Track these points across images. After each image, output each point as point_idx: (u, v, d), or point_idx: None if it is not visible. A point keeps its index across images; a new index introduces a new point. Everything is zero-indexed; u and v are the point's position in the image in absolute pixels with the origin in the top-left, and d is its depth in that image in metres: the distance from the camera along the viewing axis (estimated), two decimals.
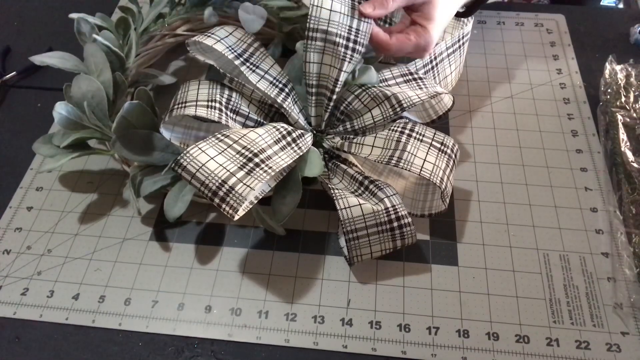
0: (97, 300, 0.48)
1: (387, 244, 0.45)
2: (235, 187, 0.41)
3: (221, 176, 0.41)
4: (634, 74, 0.60)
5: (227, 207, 0.41)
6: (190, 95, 0.47)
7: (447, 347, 0.44)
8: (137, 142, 0.48)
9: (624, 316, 0.45)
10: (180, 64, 0.67)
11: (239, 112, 0.49)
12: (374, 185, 0.46)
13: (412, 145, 0.46)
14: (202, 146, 0.43)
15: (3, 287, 0.49)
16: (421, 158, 0.45)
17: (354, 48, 0.45)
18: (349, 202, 0.44)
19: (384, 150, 0.47)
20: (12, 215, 0.54)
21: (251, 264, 0.49)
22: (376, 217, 0.44)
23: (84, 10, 0.56)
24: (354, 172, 0.47)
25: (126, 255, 0.50)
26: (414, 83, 0.51)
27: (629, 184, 0.52)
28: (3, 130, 0.62)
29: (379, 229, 0.44)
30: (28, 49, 0.70)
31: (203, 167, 0.41)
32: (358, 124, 0.49)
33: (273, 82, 0.48)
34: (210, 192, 0.41)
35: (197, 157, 0.42)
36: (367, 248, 0.45)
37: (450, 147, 0.48)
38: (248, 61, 0.48)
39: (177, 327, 0.46)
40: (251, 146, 0.44)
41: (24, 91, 0.66)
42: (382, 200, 0.44)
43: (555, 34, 0.68)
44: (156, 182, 0.49)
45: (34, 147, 0.52)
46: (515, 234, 0.50)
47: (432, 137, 0.47)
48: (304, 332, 0.45)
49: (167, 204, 0.48)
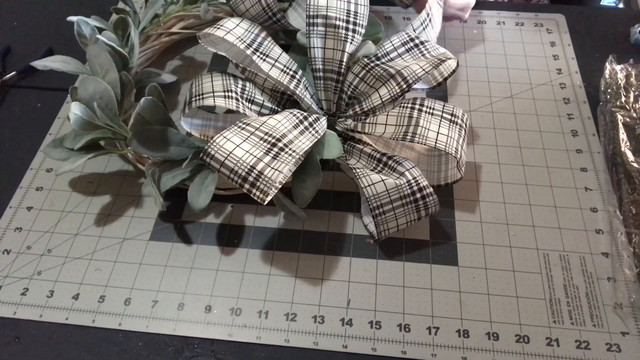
0: (97, 300, 0.48)
1: (412, 215, 0.46)
2: (264, 171, 0.42)
3: (249, 162, 0.42)
4: (634, 74, 0.60)
5: (258, 191, 0.41)
6: (206, 87, 0.48)
7: (447, 347, 0.44)
8: (154, 138, 0.49)
9: (624, 316, 0.45)
10: (177, 63, 0.67)
11: (253, 101, 0.50)
12: (392, 161, 0.46)
13: (424, 119, 0.47)
14: (226, 135, 0.43)
15: (3, 287, 0.49)
16: (434, 131, 0.46)
17: (354, 29, 0.47)
18: (372, 179, 0.45)
19: (397, 127, 0.48)
20: (12, 215, 0.54)
21: (251, 264, 0.49)
22: (399, 191, 0.45)
23: (83, 10, 0.57)
24: (370, 151, 0.48)
25: (126, 255, 0.50)
26: (416, 50, 0.51)
27: (629, 184, 0.52)
28: (3, 130, 0.62)
29: (403, 202, 0.45)
30: (28, 49, 0.70)
31: (231, 155, 0.42)
32: (367, 105, 0.49)
33: (284, 70, 0.49)
34: (240, 178, 0.42)
35: (223, 146, 0.42)
36: (393, 222, 0.46)
37: (460, 116, 0.49)
38: (258, 50, 0.49)
39: (177, 327, 0.46)
40: (273, 132, 0.45)
41: (24, 91, 0.66)
42: (402, 174, 0.45)
43: (555, 34, 0.68)
44: (175, 177, 0.49)
45: (44, 152, 0.52)
46: (515, 234, 0.50)
47: (442, 109, 0.48)
48: (304, 332, 0.45)
49: (192, 196, 0.48)
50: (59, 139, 0.52)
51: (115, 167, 0.57)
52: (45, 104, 0.64)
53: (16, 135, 0.61)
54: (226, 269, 0.49)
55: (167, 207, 0.53)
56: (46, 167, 0.57)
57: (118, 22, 0.57)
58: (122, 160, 0.57)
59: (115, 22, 0.57)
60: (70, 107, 0.47)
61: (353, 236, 0.51)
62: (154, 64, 0.66)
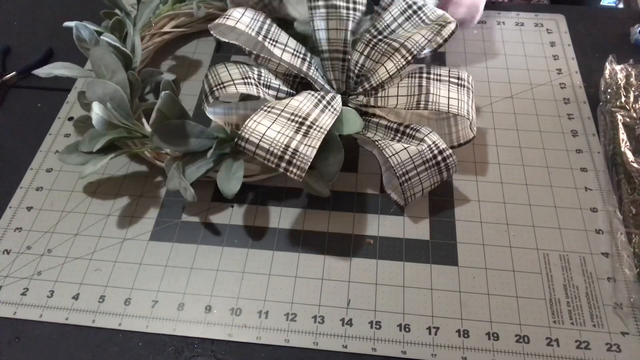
0: (97, 300, 0.48)
1: (435, 177, 0.49)
2: (298, 149, 0.44)
3: (283, 141, 0.44)
4: (634, 74, 0.60)
5: (295, 168, 0.44)
6: (224, 77, 0.48)
7: (447, 347, 0.44)
8: (174, 132, 0.49)
9: (624, 316, 0.45)
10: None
11: (270, 86, 0.50)
12: (410, 129, 0.49)
13: (433, 86, 0.49)
14: (256, 118, 0.45)
15: (3, 287, 0.49)
16: (445, 96, 0.49)
17: (354, 8, 0.50)
18: (395, 148, 0.47)
19: (409, 97, 0.50)
20: (12, 215, 0.54)
21: (251, 264, 0.49)
22: (422, 156, 0.47)
23: (83, 12, 0.56)
24: (386, 123, 0.50)
25: (126, 255, 0.50)
26: (416, 17, 0.53)
27: (629, 184, 0.52)
28: (3, 130, 0.62)
29: (427, 166, 0.48)
30: (28, 49, 0.70)
31: (264, 136, 0.44)
32: (375, 81, 0.51)
33: (294, 54, 0.51)
34: (276, 158, 0.44)
35: (256, 129, 0.44)
36: (419, 186, 0.49)
37: (466, 79, 0.51)
38: (267, 37, 0.50)
39: (177, 327, 0.46)
40: (298, 112, 0.47)
41: (24, 91, 0.66)
42: (422, 140, 0.48)
43: (555, 34, 0.68)
44: (200, 168, 0.50)
45: (60, 158, 0.51)
46: (515, 234, 0.50)
47: (448, 75, 0.51)
48: (304, 332, 0.45)
49: (222, 183, 0.49)
50: (72, 144, 0.52)
51: (115, 167, 0.57)
52: (45, 104, 0.64)
53: (16, 135, 0.61)
54: (226, 269, 0.49)
55: (167, 207, 0.53)
56: (46, 167, 0.57)
57: (114, 24, 0.57)
58: (122, 160, 0.57)
59: (111, 24, 0.57)
60: (92, 108, 0.47)
61: (353, 236, 0.51)
62: (148, 65, 0.66)
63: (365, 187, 0.54)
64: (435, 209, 0.52)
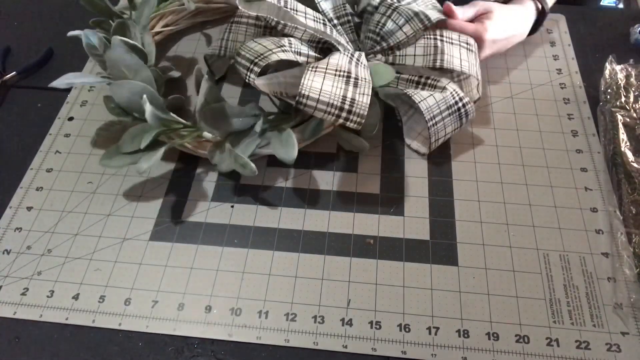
0: (97, 300, 0.48)
1: (456, 123, 0.53)
2: (355, 97, 0.47)
3: (340, 93, 0.47)
4: (634, 74, 0.60)
5: (355, 116, 0.47)
6: (260, 49, 0.50)
7: (447, 347, 0.44)
8: (217, 115, 0.51)
9: (624, 316, 0.45)
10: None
11: (300, 53, 0.52)
12: (430, 79, 0.53)
13: (447, 47, 0.53)
14: (309, 76, 0.47)
15: (3, 287, 0.49)
16: (458, 57, 0.53)
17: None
18: (422, 95, 0.51)
19: (426, 57, 0.53)
20: (12, 215, 0.54)
21: (251, 264, 0.49)
22: (446, 101, 0.51)
23: (82, 12, 0.56)
24: (408, 76, 0.54)
25: (126, 255, 0.50)
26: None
27: (629, 184, 0.52)
28: (3, 130, 0.62)
29: (450, 111, 0.52)
30: (28, 49, 0.70)
31: (322, 91, 0.47)
32: (393, 41, 0.55)
33: (315, 20, 0.52)
34: (337, 109, 0.47)
35: (313, 86, 0.46)
36: (442, 131, 0.53)
37: (472, 44, 0.56)
38: (287, 7, 0.51)
39: (177, 327, 0.46)
40: (340, 68, 0.49)
41: (24, 91, 0.66)
42: (444, 88, 0.52)
43: (555, 34, 0.68)
44: (249, 145, 0.52)
45: (102, 164, 0.51)
46: (515, 234, 0.50)
47: (459, 39, 0.55)
48: (304, 332, 0.45)
49: (279, 152, 0.50)
50: (112, 148, 0.51)
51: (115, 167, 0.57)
52: (45, 104, 0.64)
53: (16, 135, 0.61)
54: (226, 269, 0.49)
55: (167, 207, 0.53)
56: (46, 167, 0.57)
57: (117, 27, 0.57)
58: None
59: (114, 28, 0.57)
60: (144, 105, 0.47)
61: (353, 236, 0.51)
62: None
63: (365, 187, 0.54)
64: (435, 209, 0.52)
